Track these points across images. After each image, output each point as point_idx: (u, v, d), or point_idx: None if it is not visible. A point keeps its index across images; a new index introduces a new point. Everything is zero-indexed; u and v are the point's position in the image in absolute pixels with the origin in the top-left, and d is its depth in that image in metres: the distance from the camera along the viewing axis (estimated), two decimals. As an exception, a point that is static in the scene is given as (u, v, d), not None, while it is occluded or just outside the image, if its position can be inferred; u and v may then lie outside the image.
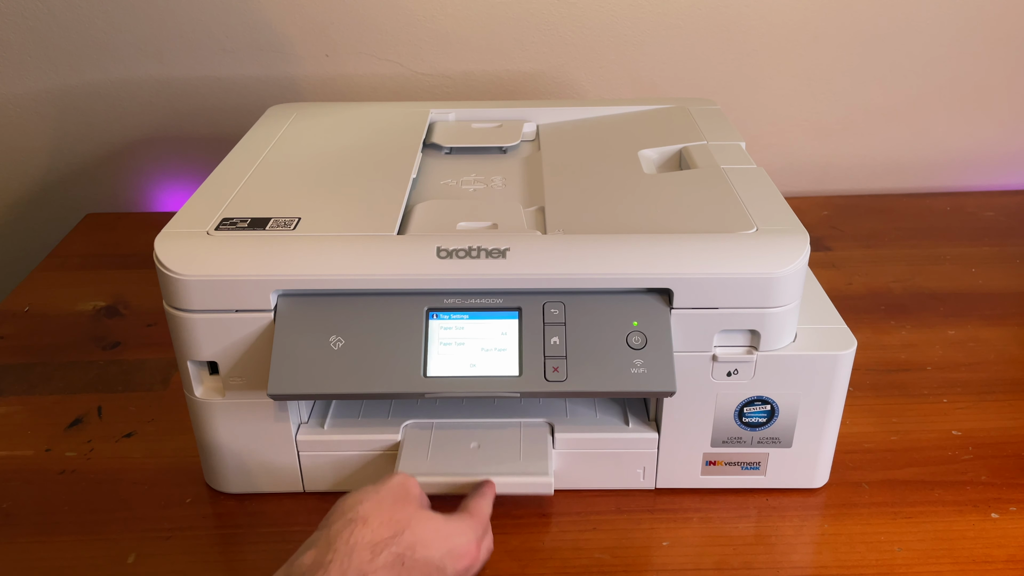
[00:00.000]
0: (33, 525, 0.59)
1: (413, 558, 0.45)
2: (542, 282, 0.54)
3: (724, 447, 0.60)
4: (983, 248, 0.96)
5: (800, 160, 1.12)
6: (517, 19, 1.02)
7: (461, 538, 0.49)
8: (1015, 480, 0.62)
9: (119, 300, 0.88)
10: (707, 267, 0.53)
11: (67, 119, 1.06)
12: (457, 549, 0.48)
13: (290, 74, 1.05)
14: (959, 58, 1.06)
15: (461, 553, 0.48)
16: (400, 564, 0.45)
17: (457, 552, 0.48)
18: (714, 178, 0.64)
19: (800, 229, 0.56)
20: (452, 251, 0.54)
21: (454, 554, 0.47)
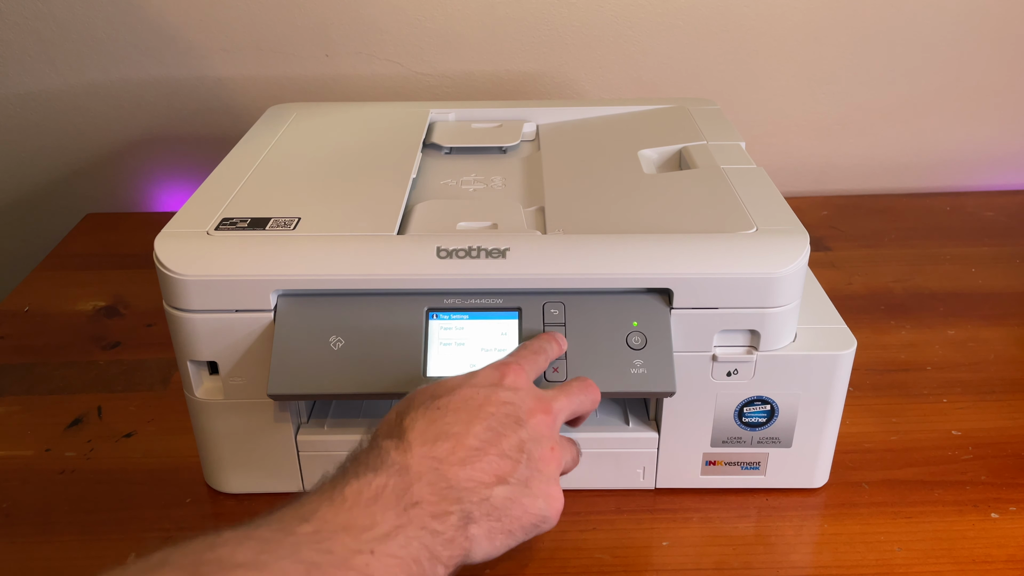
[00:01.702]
0: (33, 525, 0.59)
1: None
2: (542, 282, 0.54)
3: (724, 447, 0.60)
4: (983, 248, 0.96)
5: (800, 160, 1.12)
6: (517, 19, 1.02)
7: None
8: (1015, 480, 0.62)
9: (119, 300, 0.88)
10: (707, 267, 0.53)
11: (67, 119, 1.06)
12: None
13: (290, 74, 1.05)
14: (959, 58, 1.06)
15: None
16: None
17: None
18: (714, 178, 0.64)
19: (800, 229, 0.56)
20: (452, 251, 0.54)
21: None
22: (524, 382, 0.48)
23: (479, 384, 0.47)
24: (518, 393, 0.47)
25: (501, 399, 0.46)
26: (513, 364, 0.49)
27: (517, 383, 0.48)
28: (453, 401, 0.45)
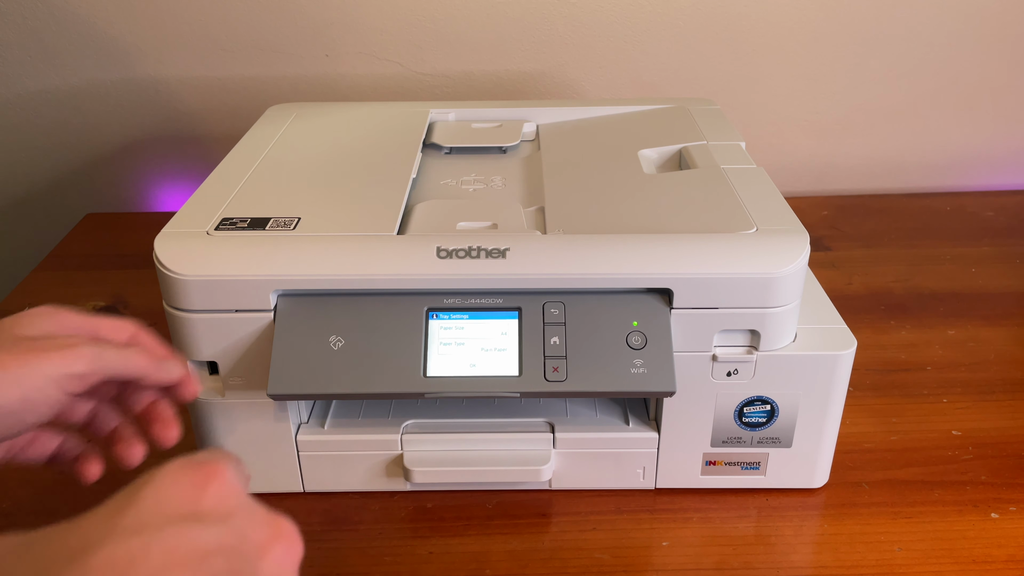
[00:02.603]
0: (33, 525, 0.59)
1: None
2: (542, 282, 0.54)
3: (724, 447, 0.60)
4: (983, 248, 0.96)
5: (800, 160, 1.12)
6: (517, 19, 1.02)
7: None
8: (1015, 480, 0.62)
9: (119, 300, 0.88)
10: (707, 267, 0.53)
11: (67, 119, 1.06)
12: None
13: (290, 74, 1.05)
14: (959, 58, 1.06)
15: None
16: None
17: None
18: (714, 178, 0.64)
19: (800, 229, 0.56)
20: (452, 251, 0.54)
21: None
22: (235, 491, 0.32)
23: (159, 524, 0.29)
24: (232, 522, 0.30)
25: (206, 545, 0.28)
26: (213, 463, 0.32)
27: (225, 499, 0.31)
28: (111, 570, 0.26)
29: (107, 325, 0.47)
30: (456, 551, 0.57)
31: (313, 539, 0.58)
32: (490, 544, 0.57)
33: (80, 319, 0.46)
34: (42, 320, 0.44)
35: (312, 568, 0.56)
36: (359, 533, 0.58)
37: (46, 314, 0.45)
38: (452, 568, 0.55)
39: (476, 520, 0.59)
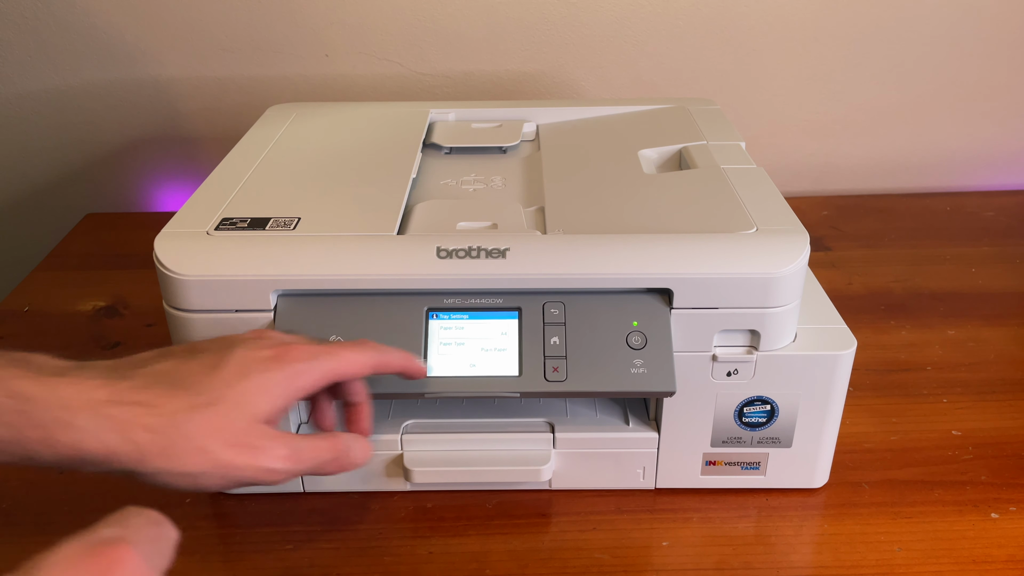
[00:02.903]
0: (33, 525, 0.59)
1: None
2: (542, 282, 0.54)
3: (724, 447, 0.60)
4: (983, 248, 0.96)
5: (800, 160, 1.12)
6: (517, 19, 1.02)
7: None
8: (1015, 480, 0.62)
9: (119, 300, 0.88)
10: (707, 267, 0.53)
11: (67, 119, 1.06)
12: None
13: (290, 74, 1.05)
14: (959, 58, 1.06)
15: None
16: None
17: None
18: (714, 178, 0.64)
19: (800, 229, 0.56)
20: (452, 251, 0.54)
21: None
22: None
23: None
24: None
25: None
26: (116, 547, 0.32)
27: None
28: None
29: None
30: (456, 551, 0.57)
31: (313, 539, 0.58)
32: (490, 544, 0.57)
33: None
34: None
35: (312, 568, 0.56)
36: (359, 533, 0.58)
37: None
38: (452, 568, 0.55)
39: (476, 520, 0.59)
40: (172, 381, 0.41)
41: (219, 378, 0.42)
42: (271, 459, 0.43)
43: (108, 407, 0.39)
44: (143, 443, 0.39)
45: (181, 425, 0.40)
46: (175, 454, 0.40)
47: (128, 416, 0.39)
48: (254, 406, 0.43)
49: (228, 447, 0.41)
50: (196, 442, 0.40)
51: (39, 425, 0.38)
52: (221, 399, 0.42)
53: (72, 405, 0.38)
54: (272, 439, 0.43)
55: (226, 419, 0.41)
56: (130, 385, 0.40)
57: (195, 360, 0.43)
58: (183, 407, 0.40)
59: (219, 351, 0.44)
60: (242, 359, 0.44)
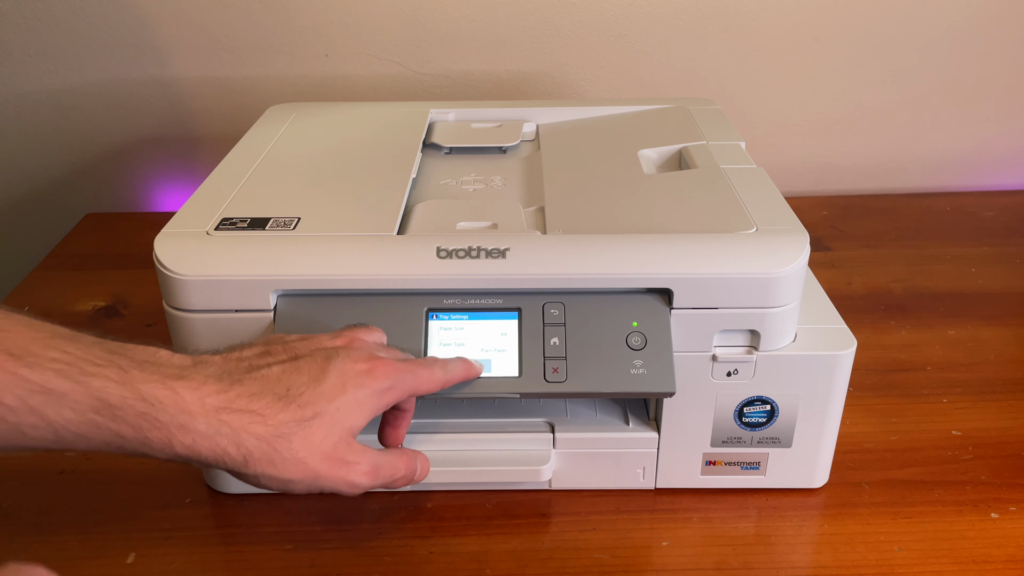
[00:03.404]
0: (33, 525, 0.59)
1: None
2: (542, 282, 0.54)
3: (724, 447, 0.60)
4: (983, 248, 0.96)
5: (800, 160, 1.12)
6: (517, 19, 1.02)
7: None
8: (1015, 480, 0.62)
9: (119, 300, 0.88)
10: (707, 267, 0.53)
11: (67, 119, 1.06)
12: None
13: (290, 74, 1.05)
14: (959, 58, 1.06)
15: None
16: None
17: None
18: (714, 178, 0.64)
19: (800, 229, 0.56)
20: (452, 251, 0.54)
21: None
22: None
23: None
24: None
25: None
26: None
27: None
28: None
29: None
30: (456, 551, 0.57)
31: (313, 539, 0.58)
32: (490, 544, 0.57)
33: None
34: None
35: (312, 568, 0.56)
36: (359, 533, 0.58)
37: None
38: (452, 568, 0.55)
39: (476, 520, 0.59)
40: (280, 391, 0.44)
41: (321, 392, 0.45)
42: (356, 474, 0.46)
43: (223, 414, 0.42)
44: (251, 450, 0.42)
45: (286, 437, 0.43)
46: (278, 462, 0.43)
47: (241, 423, 0.42)
48: (349, 421, 0.46)
49: (323, 460, 0.44)
50: (298, 454, 0.44)
51: (162, 427, 0.40)
52: (322, 413, 0.44)
53: (191, 410, 0.41)
54: (359, 454, 0.46)
55: (325, 434, 0.44)
56: (243, 391, 0.43)
57: (299, 368, 0.46)
58: (290, 419, 0.43)
59: (321, 360, 0.46)
60: (341, 372, 0.46)
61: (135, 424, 0.40)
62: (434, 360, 0.52)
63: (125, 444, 0.41)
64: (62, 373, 0.39)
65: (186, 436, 0.41)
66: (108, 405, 0.39)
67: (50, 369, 0.38)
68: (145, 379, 0.41)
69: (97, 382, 0.39)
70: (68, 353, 0.39)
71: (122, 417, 0.40)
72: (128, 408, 0.40)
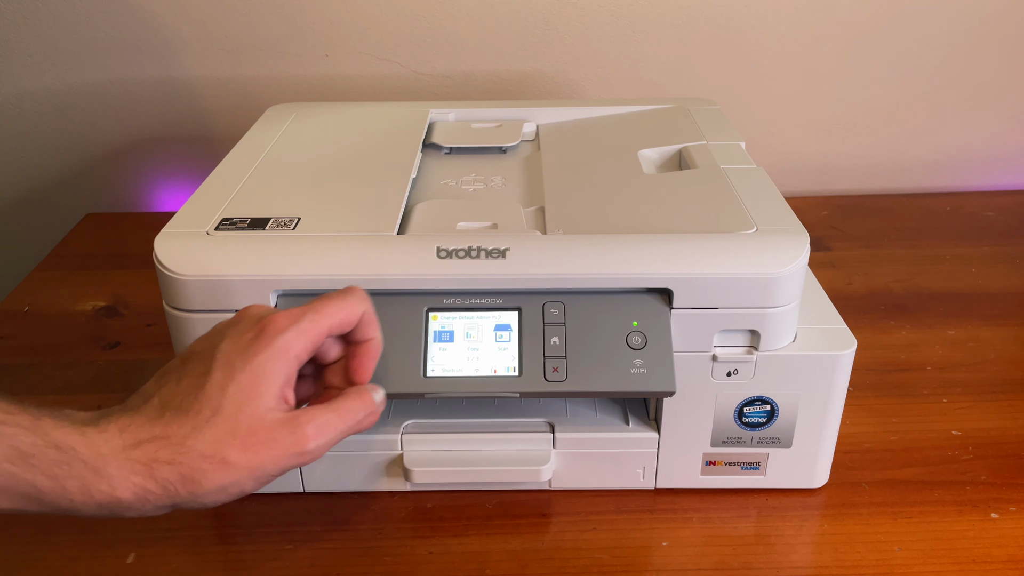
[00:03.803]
0: (33, 525, 0.59)
1: None
2: (542, 282, 0.54)
3: (724, 447, 0.60)
4: (983, 248, 0.96)
5: (800, 160, 1.12)
6: (517, 19, 1.02)
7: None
8: (1015, 480, 0.62)
9: (119, 300, 0.88)
10: (707, 267, 0.53)
11: (67, 119, 1.06)
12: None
13: (290, 74, 1.05)
14: (959, 58, 1.06)
15: None
16: None
17: None
18: (714, 178, 0.64)
19: (800, 229, 0.56)
20: (452, 251, 0.54)
21: None
22: None
23: None
24: None
25: None
26: None
27: None
28: None
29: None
30: (456, 551, 0.57)
31: (313, 539, 0.58)
32: (490, 544, 0.57)
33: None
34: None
35: (312, 568, 0.56)
36: (359, 533, 0.58)
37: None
38: (452, 568, 0.55)
39: (476, 520, 0.59)
40: (176, 405, 0.41)
41: (212, 386, 0.41)
42: (299, 443, 0.42)
43: (131, 451, 0.39)
44: (167, 477, 0.40)
45: (194, 448, 0.40)
46: (199, 477, 0.40)
47: (147, 455, 0.40)
48: (256, 398, 0.42)
49: (245, 450, 0.41)
50: (214, 458, 0.40)
51: (77, 476, 0.38)
52: (220, 407, 0.41)
53: (103, 453, 0.39)
54: (288, 425, 0.42)
55: (232, 424, 0.41)
56: (142, 421, 0.41)
57: (188, 374, 0.43)
58: (190, 429, 0.40)
59: (205, 354, 0.43)
60: (227, 355, 0.42)
61: (50, 473, 0.38)
62: (354, 289, 0.47)
63: (44, 497, 0.38)
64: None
65: (102, 482, 0.39)
66: (21, 453, 0.37)
67: None
68: (56, 426, 0.39)
69: (8, 429, 0.37)
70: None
71: (36, 466, 0.38)
72: (41, 456, 0.38)
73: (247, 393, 0.41)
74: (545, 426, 0.60)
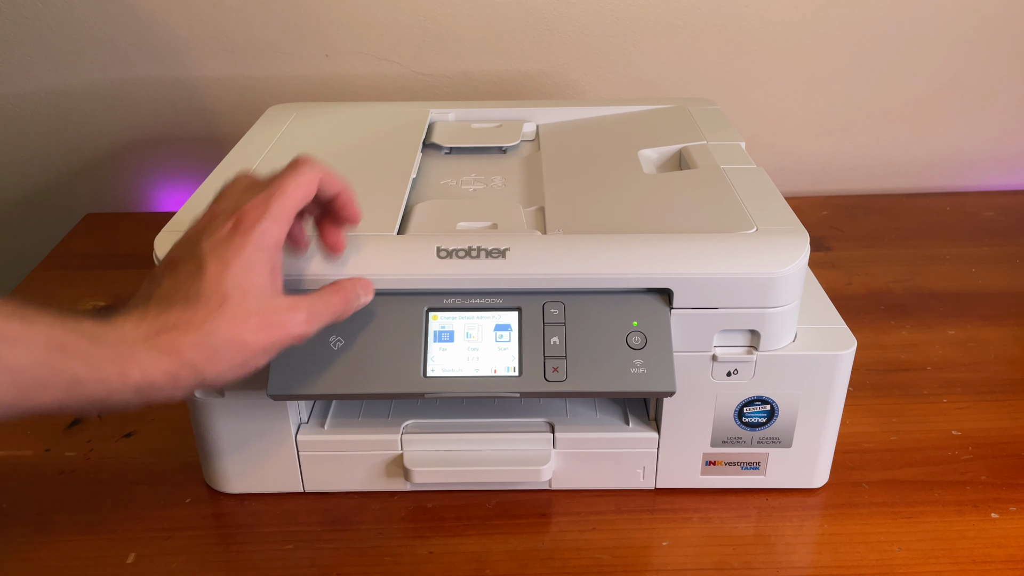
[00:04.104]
0: (33, 525, 0.59)
1: None
2: (542, 282, 0.54)
3: (724, 447, 0.60)
4: (983, 248, 0.96)
5: (800, 160, 1.12)
6: (517, 19, 1.02)
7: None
8: (1015, 480, 0.62)
9: (119, 300, 0.88)
10: (707, 267, 0.53)
11: (67, 119, 1.06)
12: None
13: (290, 74, 1.05)
14: (959, 58, 1.06)
15: None
16: None
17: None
18: (714, 178, 0.64)
19: (800, 229, 0.56)
20: (452, 251, 0.54)
21: None
22: None
23: None
24: None
25: None
26: None
27: None
28: None
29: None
30: (456, 551, 0.57)
31: (313, 539, 0.58)
32: (490, 544, 0.57)
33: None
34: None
35: (312, 568, 0.56)
36: (359, 533, 0.58)
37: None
38: (452, 568, 0.55)
39: (476, 520, 0.59)
40: (183, 298, 0.44)
41: (210, 278, 0.45)
42: (295, 326, 0.47)
43: (154, 339, 0.43)
44: (194, 359, 0.43)
45: (214, 331, 0.44)
46: (222, 357, 0.44)
47: (173, 340, 0.43)
48: (255, 287, 0.46)
49: (258, 331, 0.45)
50: (234, 340, 0.44)
51: (112, 361, 0.41)
52: (227, 295, 0.44)
53: (131, 339, 0.42)
54: (290, 309, 0.47)
55: (244, 310, 0.45)
56: (156, 313, 0.44)
57: (181, 272, 0.45)
58: (206, 316, 0.44)
59: (190, 254, 0.46)
60: (213, 250, 0.45)
61: (87, 362, 0.41)
62: (304, 159, 0.51)
63: (84, 388, 0.41)
64: (12, 317, 0.40)
65: (135, 366, 0.42)
66: (59, 344, 0.40)
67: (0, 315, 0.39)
68: (81, 319, 0.42)
69: (42, 324, 0.40)
70: (8, 303, 0.40)
71: (74, 355, 0.40)
72: (76, 346, 0.40)
73: (246, 283, 0.45)
74: (545, 426, 0.60)
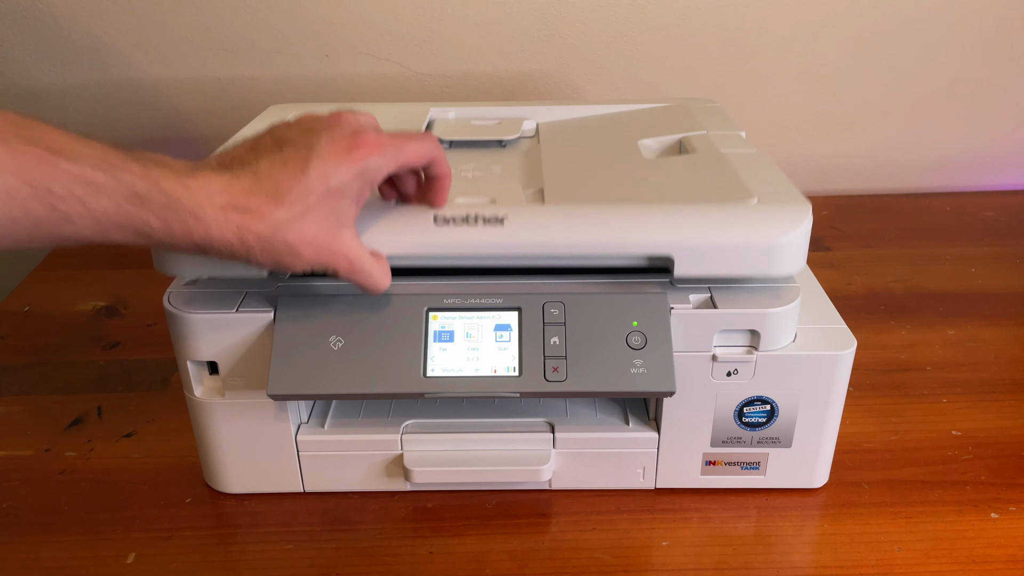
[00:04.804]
0: (33, 525, 0.59)
1: None
2: (540, 248, 0.54)
3: (724, 447, 0.60)
4: (983, 248, 0.96)
5: (800, 160, 1.12)
6: (517, 19, 1.02)
7: None
8: (1015, 480, 0.62)
9: (119, 300, 0.88)
10: (709, 234, 0.53)
11: (67, 119, 1.06)
12: None
13: (290, 74, 1.05)
14: (959, 58, 1.06)
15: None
16: None
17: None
18: (715, 160, 0.63)
19: (802, 199, 0.55)
20: (449, 218, 0.54)
21: None
22: None
23: None
24: None
25: None
26: None
27: None
28: None
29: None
30: (456, 551, 0.57)
31: (313, 539, 0.58)
32: (490, 544, 0.57)
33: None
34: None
35: (312, 568, 0.56)
36: (359, 533, 0.58)
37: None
38: (452, 568, 0.55)
39: (476, 520, 0.59)
40: (273, 186, 0.47)
41: (307, 185, 0.47)
42: (337, 261, 0.50)
43: (227, 212, 0.45)
44: (253, 245, 0.46)
45: (279, 232, 0.47)
46: (275, 255, 0.47)
47: (242, 221, 0.46)
48: (338, 210, 0.49)
49: (314, 250, 0.48)
50: (292, 248, 0.47)
51: (181, 220, 0.44)
52: (310, 208, 0.47)
53: (202, 204, 0.45)
54: (343, 246, 0.50)
55: (315, 228, 0.48)
56: (240, 188, 0.46)
57: (285, 161, 0.48)
58: (283, 219, 0.46)
59: (304, 149, 0.48)
60: (324, 158, 0.48)
61: (160, 215, 0.44)
62: (429, 135, 0.54)
63: (153, 234, 0.44)
64: (98, 167, 0.42)
65: (199, 227, 0.45)
66: (137, 195, 0.43)
67: (87, 164, 0.42)
68: (163, 176, 0.44)
69: (126, 176, 0.43)
70: (97, 150, 0.43)
71: (149, 208, 0.44)
72: (153, 200, 0.44)
73: (333, 204, 0.48)
74: (545, 426, 0.60)
